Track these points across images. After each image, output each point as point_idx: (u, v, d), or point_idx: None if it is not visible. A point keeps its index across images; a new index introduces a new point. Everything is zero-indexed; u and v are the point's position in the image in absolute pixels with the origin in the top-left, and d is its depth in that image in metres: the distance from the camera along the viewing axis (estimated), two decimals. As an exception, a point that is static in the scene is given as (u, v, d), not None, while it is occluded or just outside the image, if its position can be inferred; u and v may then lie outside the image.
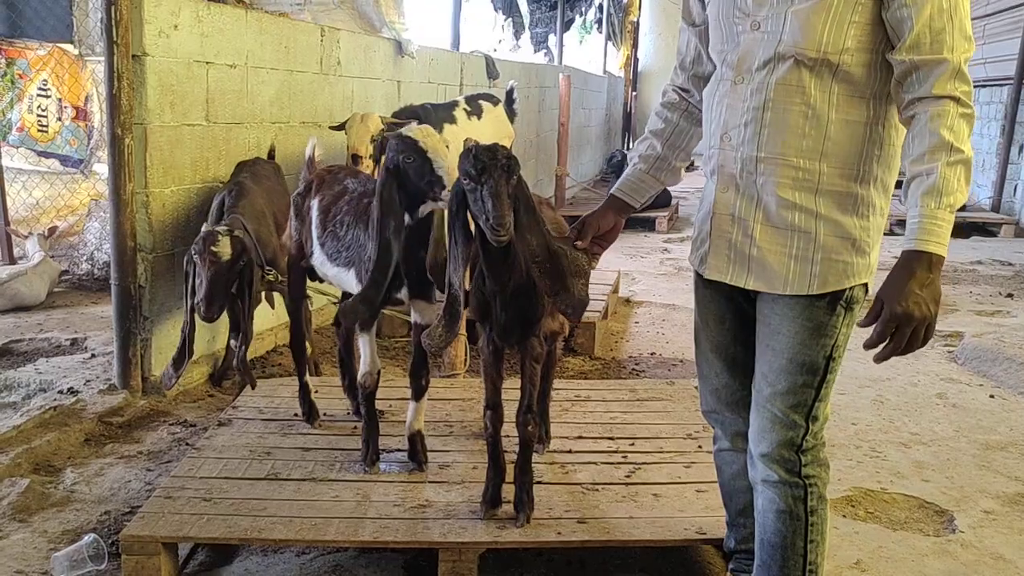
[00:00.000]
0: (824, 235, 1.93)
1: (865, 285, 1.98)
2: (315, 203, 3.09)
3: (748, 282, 2.02)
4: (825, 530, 2.06)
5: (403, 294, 2.80)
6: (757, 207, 1.98)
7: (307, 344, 3.48)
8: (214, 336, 4.25)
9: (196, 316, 3.40)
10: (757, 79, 1.95)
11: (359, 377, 2.86)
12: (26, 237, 5.75)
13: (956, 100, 1.78)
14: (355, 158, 4.39)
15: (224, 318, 3.57)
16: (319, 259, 3.05)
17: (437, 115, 5.27)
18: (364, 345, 2.84)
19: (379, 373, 2.90)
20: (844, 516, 3.01)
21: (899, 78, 1.85)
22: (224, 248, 3.29)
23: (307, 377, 3.28)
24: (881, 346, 1.77)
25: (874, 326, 1.77)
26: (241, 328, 3.50)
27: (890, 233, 7.13)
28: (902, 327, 1.74)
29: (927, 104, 1.80)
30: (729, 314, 2.16)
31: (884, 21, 1.85)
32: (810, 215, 1.93)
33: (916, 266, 1.75)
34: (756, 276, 2.00)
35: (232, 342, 3.79)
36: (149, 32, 3.69)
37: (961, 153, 1.76)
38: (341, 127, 4.64)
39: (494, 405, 2.59)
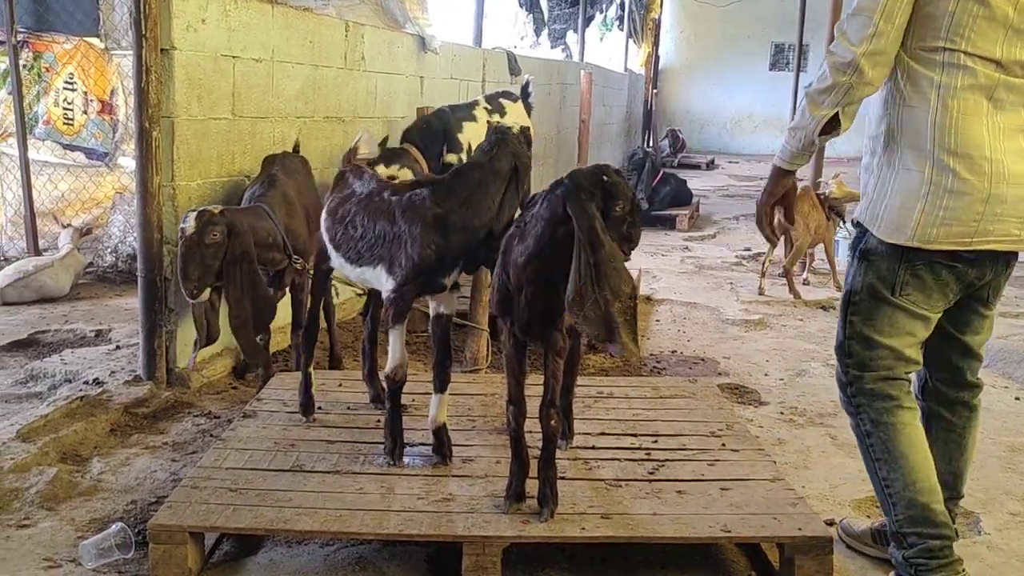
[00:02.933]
0: (863, 184, 2.39)
1: (884, 241, 2.25)
2: (324, 206, 3.12)
3: None
4: (893, 448, 2.31)
5: (450, 278, 2.85)
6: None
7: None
8: (238, 329, 4.28)
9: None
10: None
11: (388, 370, 2.87)
12: (66, 227, 5.81)
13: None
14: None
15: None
16: (337, 262, 3.08)
17: (456, 115, 5.28)
18: (396, 338, 2.85)
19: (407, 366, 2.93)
20: (869, 516, 2.99)
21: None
22: (190, 224, 3.23)
23: (311, 369, 3.30)
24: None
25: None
26: (232, 302, 3.43)
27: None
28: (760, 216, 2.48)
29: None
30: None
31: None
32: (866, 171, 2.40)
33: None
34: None
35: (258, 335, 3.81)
36: (177, 26, 3.72)
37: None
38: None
39: (516, 400, 2.59)
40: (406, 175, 4.55)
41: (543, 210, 2.36)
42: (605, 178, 2.28)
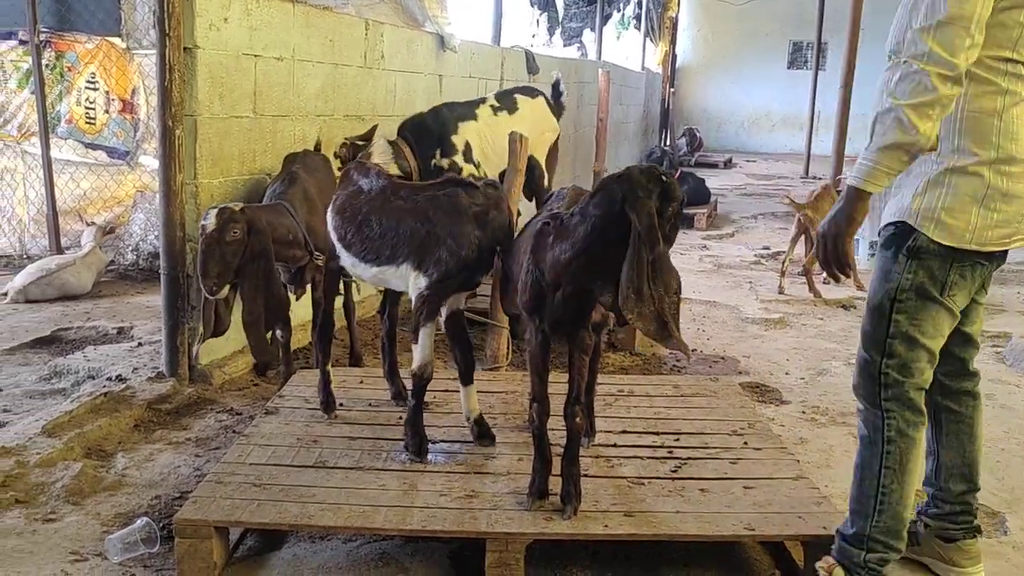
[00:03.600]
0: (896, 187, 2.29)
1: (940, 243, 2.19)
2: (329, 205, 3.13)
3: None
4: (905, 462, 2.28)
5: (484, 275, 2.94)
6: None
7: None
8: (259, 326, 4.30)
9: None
10: None
11: (416, 367, 2.88)
12: (89, 225, 5.86)
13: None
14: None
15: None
16: (348, 261, 3.08)
17: (454, 114, 5.13)
18: (425, 336, 2.86)
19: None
20: (892, 515, 2.97)
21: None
22: (210, 221, 3.26)
23: (329, 367, 3.31)
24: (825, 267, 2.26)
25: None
26: (246, 298, 3.44)
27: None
28: (827, 245, 2.22)
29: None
30: None
31: None
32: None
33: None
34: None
35: (278, 332, 3.83)
36: (200, 25, 3.74)
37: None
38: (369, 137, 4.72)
39: (540, 398, 2.59)
40: (392, 170, 4.56)
41: (593, 208, 2.34)
42: (664, 178, 2.27)
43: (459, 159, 5.01)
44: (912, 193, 2.23)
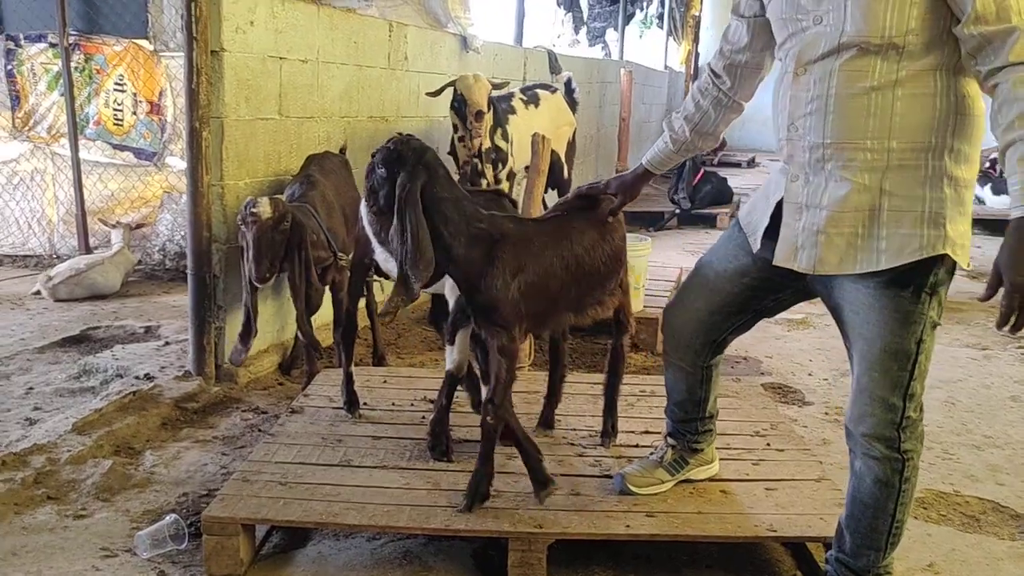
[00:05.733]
0: (890, 211, 1.98)
1: (953, 264, 2.00)
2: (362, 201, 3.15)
3: (817, 268, 2.10)
4: (913, 492, 2.18)
5: None
6: (824, 193, 2.06)
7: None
8: (283, 326, 4.35)
9: (254, 285, 3.51)
10: (819, 69, 2.02)
11: (453, 367, 2.90)
12: (114, 227, 5.94)
13: None
14: (479, 114, 4.69)
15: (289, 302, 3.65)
16: (382, 256, 3.09)
17: (500, 105, 5.31)
18: (462, 339, 2.89)
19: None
20: (916, 518, 2.96)
21: (971, 52, 1.87)
22: (264, 208, 3.36)
23: (352, 367, 3.34)
24: (1012, 318, 1.79)
25: (1000, 301, 1.79)
26: (294, 287, 3.56)
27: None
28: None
29: (1008, 72, 1.82)
30: (753, 274, 2.33)
31: None
32: (876, 193, 1.99)
33: None
34: (825, 261, 2.08)
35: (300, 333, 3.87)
36: (227, 28, 3.78)
37: None
38: (439, 92, 4.93)
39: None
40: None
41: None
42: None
43: (503, 145, 5.13)
44: (933, 216, 1.96)
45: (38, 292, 5.43)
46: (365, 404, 3.34)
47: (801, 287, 2.28)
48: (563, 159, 5.91)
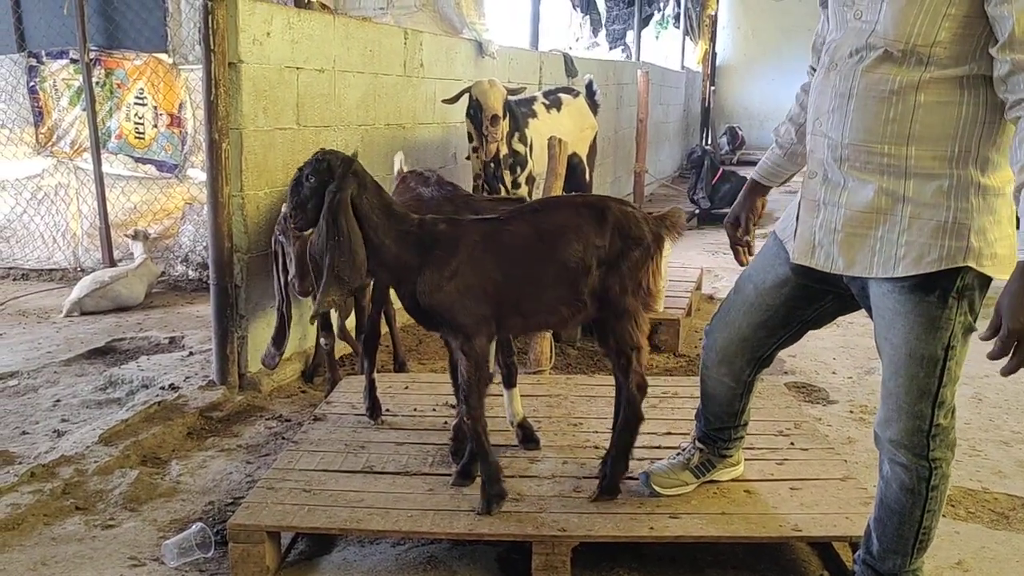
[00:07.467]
0: (911, 218, 1.94)
1: (985, 274, 1.95)
2: None
3: (833, 267, 2.09)
4: (943, 499, 2.13)
5: None
6: (842, 191, 2.04)
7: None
8: (305, 334, 4.37)
9: (290, 293, 3.55)
10: (846, 67, 2.00)
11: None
12: (133, 237, 6.00)
13: None
14: (494, 119, 4.65)
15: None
16: None
17: (520, 108, 5.31)
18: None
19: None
20: (944, 516, 2.89)
21: (1002, 77, 1.82)
22: None
23: (374, 374, 3.35)
24: (1006, 359, 1.74)
25: (995, 340, 1.74)
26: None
27: None
28: (1022, 341, 1.70)
29: None
30: (792, 283, 2.30)
31: (987, 14, 1.81)
32: (896, 199, 1.96)
33: None
34: (842, 261, 2.06)
35: (322, 340, 3.90)
36: (244, 40, 3.81)
37: None
38: (456, 99, 4.91)
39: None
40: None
41: None
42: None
43: (521, 148, 5.13)
44: (957, 227, 1.91)
45: (70, 312, 5.45)
46: (387, 410, 3.36)
47: (840, 294, 2.24)
48: (584, 162, 5.92)
